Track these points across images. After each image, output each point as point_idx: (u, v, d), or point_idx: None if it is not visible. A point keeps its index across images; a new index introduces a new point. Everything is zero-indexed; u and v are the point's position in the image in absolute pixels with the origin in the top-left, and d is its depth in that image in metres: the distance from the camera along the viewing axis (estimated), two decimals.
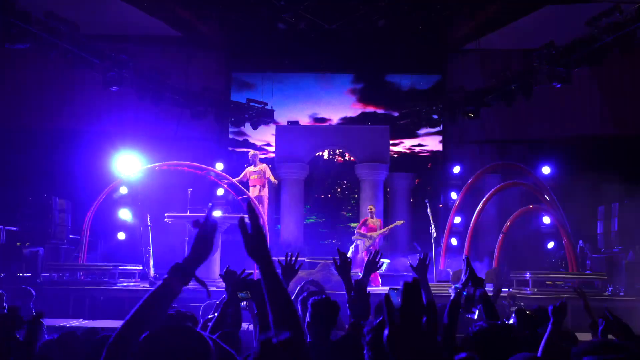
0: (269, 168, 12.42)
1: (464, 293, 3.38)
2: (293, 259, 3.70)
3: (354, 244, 11.88)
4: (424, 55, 15.20)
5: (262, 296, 3.04)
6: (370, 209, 12.08)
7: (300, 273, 10.07)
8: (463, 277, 3.55)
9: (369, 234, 11.68)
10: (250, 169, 12.33)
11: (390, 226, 11.82)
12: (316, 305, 3.38)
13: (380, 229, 11.75)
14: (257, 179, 12.19)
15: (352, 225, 14.93)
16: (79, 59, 10.90)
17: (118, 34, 13.69)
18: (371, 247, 11.45)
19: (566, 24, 11.71)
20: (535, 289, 9.53)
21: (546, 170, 12.71)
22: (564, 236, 11.01)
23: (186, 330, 1.68)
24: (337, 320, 3.41)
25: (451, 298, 3.51)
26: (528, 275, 9.81)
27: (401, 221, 11.97)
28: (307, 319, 3.34)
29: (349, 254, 11.23)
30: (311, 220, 15.22)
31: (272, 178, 12.19)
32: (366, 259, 10.57)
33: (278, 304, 1.76)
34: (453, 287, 3.92)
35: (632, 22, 9.30)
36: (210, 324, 3.35)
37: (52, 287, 9.36)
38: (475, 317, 3.32)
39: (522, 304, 7.50)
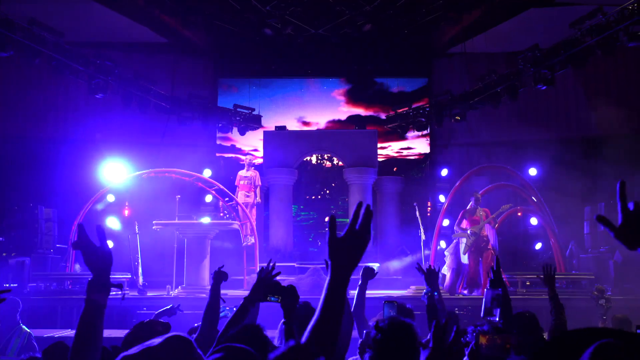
0: (259, 176, 12.47)
1: (489, 294, 3.38)
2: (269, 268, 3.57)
3: (452, 244, 10.18)
4: (411, 59, 15.29)
5: (292, 303, 3.03)
6: (476, 195, 10.15)
7: (290, 278, 10.07)
8: (489, 278, 3.57)
9: (471, 229, 9.80)
10: (242, 173, 12.33)
11: (498, 212, 10.09)
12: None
13: (485, 220, 9.82)
14: (246, 184, 12.20)
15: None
16: (63, 67, 10.83)
17: (103, 40, 13.62)
18: (487, 246, 9.64)
19: (550, 26, 11.84)
20: (524, 290, 9.62)
21: (532, 171, 12.80)
22: (551, 237, 11.09)
23: (183, 347, 1.68)
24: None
25: (426, 304, 3.55)
26: (516, 276, 9.89)
27: (508, 205, 10.47)
28: (282, 326, 3.34)
29: (450, 252, 10.03)
30: (300, 218, 15.18)
31: (257, 192, 12.24)
32: (470, 261, 9.76)
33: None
34: (424, 292, 3.92)
35: (614, 24, 9.42)
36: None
37: (40, 297, 9.27)
38: (497, 319, 3.31)
39: (609, 294, 7.47)
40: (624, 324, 5.29)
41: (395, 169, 15.41)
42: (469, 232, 9.78)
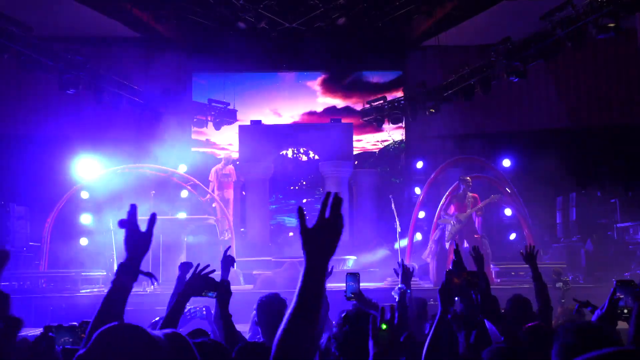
0: (234, 170, 12.48)
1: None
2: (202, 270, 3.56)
3: (437, 232, 9.97)
4: (385, 52, 15.31)
5: (227, 299, 3.10)
6: (466, 180, 9.87)
7: (267, 273, 10.06)
8: (451, 265, 3.63)
9: (455, 216, 9.61)
10: (218, 167, 12.31)
11: (486, 202, 9.79)
12: (262, 304, 3.44)
13: (472, 208, 9.58)
14: (225, 181, 12.21)
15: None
16: (33, 62, 10.60)
17: (74, 35, 13.36)
18: (474, 234, 9.48)
19: (522, 19, 11.96)
20: (499, 280, 9.76)
21: (506, 163, 12.97)
22: (525, 227, 11.26)
23: (132, 330, 1.68)
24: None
25: (397, 300, 3.58)
26: (492, 266, 10.02)
27: (498, 195, 10.16)
28: (255, 318, 3.40)
29: (433, 239, 9.87)
30: (274, 206, 15.12)
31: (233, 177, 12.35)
32: (451, 248, 9.48)
33: None
34: (397, 288, 3.96)
35: (584, 16, 9.56)
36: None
37: (13, 296, 9.10)
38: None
39: (568, 279, 7.50)
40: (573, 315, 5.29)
41: (356, 162, 15.48)
42: (452, 221, 9.66)
